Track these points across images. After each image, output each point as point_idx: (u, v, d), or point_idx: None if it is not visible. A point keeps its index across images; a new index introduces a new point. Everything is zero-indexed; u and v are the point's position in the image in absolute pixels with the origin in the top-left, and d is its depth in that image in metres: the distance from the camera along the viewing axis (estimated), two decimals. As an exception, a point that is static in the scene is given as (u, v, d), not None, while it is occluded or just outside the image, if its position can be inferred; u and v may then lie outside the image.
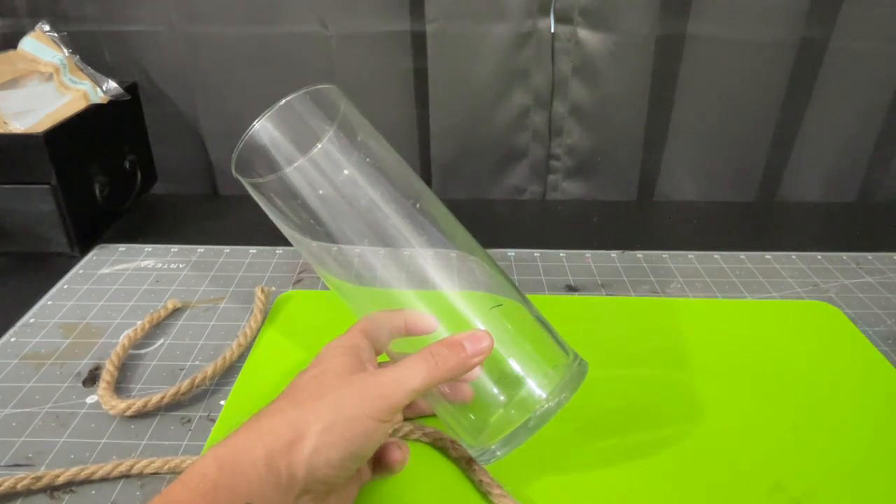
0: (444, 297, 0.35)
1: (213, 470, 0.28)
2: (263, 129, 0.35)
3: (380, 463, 0.35)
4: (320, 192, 0.35)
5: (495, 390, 0.34)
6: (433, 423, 0.42)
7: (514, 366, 0.35)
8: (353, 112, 0.38)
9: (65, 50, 0.67)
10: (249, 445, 0.29)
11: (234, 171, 0.37)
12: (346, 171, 0.36)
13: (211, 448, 0.30)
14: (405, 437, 0.41)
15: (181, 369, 0.48)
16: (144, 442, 0.42)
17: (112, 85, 0.67)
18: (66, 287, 0.59)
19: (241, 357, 0.49)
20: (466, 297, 0.36)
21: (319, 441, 0.29)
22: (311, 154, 0.35)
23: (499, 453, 0.35)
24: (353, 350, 0.35)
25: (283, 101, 0.35)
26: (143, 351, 0.50)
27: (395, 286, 0.36)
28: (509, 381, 0.35)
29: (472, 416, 0.35)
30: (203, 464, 0.28)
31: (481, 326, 0.34)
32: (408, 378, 0.31)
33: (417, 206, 0.37)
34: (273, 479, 0.28)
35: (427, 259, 0.36)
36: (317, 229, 0.35)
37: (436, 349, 0.32)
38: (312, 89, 0.36)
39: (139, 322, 0.52)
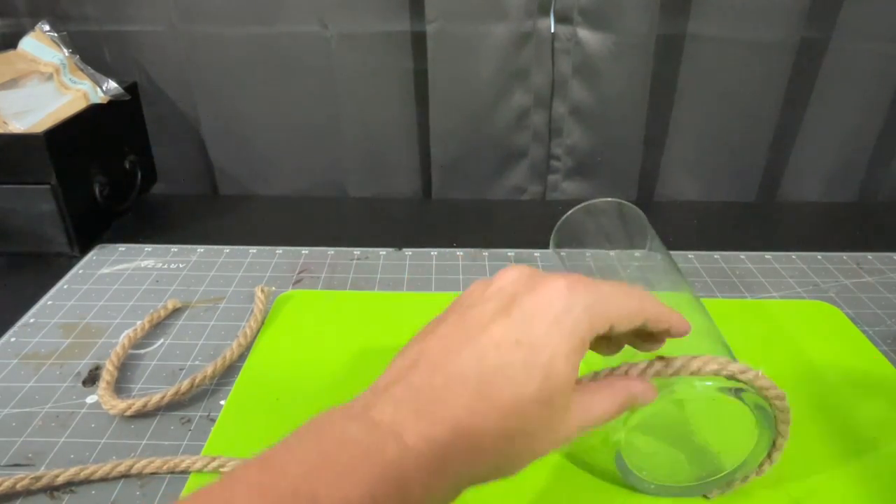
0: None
1: None
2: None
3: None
4: None
5: None
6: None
7: None
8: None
9: (65, 50, 0.67)
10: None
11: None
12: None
13: None
14: None
15: (181, 369, 0.48)
16: (144, 442, 0.41)
17: (112, 85, 0.67)
18: (66, 287, 0.59)
19: (241, 357, 0.49)
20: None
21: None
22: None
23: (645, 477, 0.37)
24: (580, 354, 0.27)
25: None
26: (143, 351, 0.50)
27: None
28: None
29: None
30: None
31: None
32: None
33: None
34: None
35: None
36: None
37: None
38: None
39: (139, 322, 0.52)
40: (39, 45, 0.67)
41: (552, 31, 0.71)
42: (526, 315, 0.26)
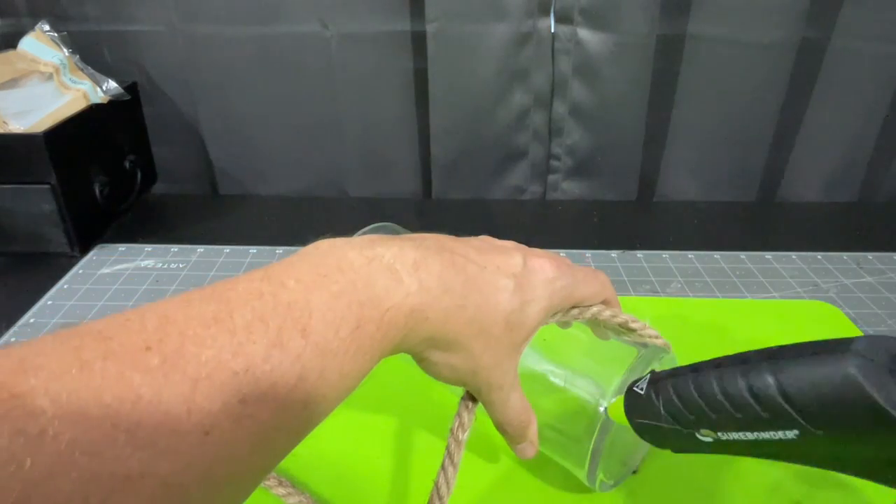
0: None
1: None
2: None
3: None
4: None
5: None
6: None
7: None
8: None
9: (65, 50, 0.67)
10: None
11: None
12: None
13: None
14: None
15: (181, 369, 0.48)
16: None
17: (112, 85, 0.67)
18: (66, 287, 0.59)
19: (241, 357, 0.49)
20: None
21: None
22: None
23: (609, 482, 0.36)
24: (548, 315, 0.32)
25: None
26: (143, 351, 0.50)
27: None
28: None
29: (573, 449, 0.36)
30: None
31: None
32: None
33: None
34: None
35: None
36: None
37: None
38: None
39: (139, 322, 0.52)
40: (39, 45, 0.67)
41: (552, 31, 0.71)
42: (528, 265, 0.31)
